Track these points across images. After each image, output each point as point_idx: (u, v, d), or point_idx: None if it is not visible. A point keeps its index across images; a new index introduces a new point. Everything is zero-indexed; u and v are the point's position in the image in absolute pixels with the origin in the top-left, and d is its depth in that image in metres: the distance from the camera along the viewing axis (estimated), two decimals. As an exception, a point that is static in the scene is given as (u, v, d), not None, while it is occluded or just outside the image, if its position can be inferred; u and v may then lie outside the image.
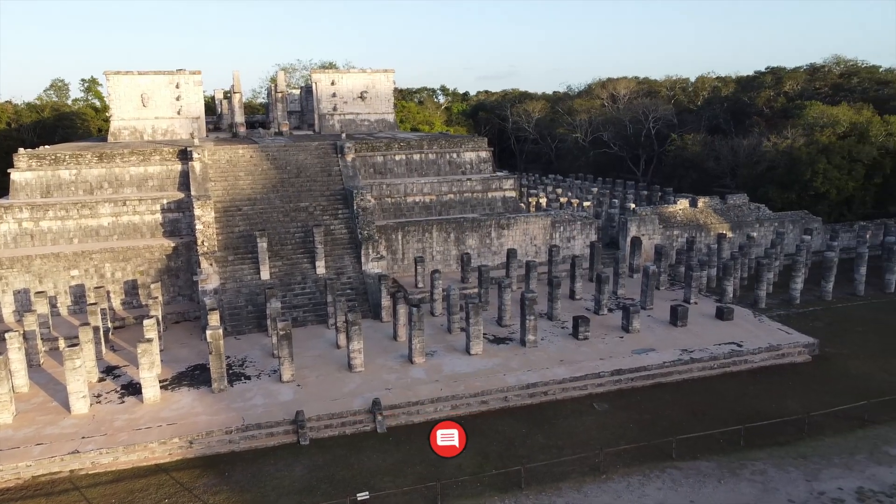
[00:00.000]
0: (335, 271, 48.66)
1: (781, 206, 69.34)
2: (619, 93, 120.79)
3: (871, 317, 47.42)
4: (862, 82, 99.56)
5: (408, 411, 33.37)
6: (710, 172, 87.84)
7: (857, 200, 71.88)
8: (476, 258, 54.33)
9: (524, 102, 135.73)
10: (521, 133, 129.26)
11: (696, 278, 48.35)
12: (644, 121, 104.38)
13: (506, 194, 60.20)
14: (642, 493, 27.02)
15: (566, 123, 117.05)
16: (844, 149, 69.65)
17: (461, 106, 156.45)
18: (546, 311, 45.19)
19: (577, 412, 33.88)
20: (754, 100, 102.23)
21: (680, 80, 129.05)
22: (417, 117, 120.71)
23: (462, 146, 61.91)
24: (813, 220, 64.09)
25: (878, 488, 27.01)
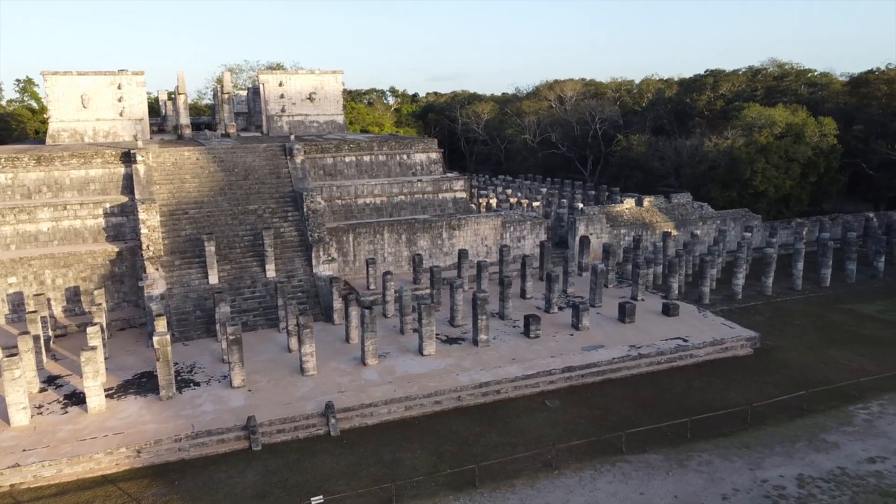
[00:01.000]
0: (286, 274, 48.15)
1: (723, 204, 71.45)
2: (567, 94, 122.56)
3: (809, 310, 49.29)
4: (797, 85, 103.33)
5: (361, 413, 33.28)
6: (655, 172, 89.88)
7: (793, 198, 74.52)
8: (428, 259, 54.48)
9: (473, 104, 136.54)
10: (471, 134, 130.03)
11: (642, 276, 49.47)
12: (591, 122, 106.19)
13: (456, 195, 60.50)
14: (594, 486, 27.54)
15: (515, 125, 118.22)
16: (781, 149, 72.18)
17: (411, 107, 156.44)
18: (498, 311, 45.62)
19: (529, 409, 34.32)
20: (696, 101, 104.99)
21: (625, 82, 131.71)
22: (367, 119, 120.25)
23: (412, 147, 62.00)
24: (753, 218, 66.27)
25: (817, 474, 28.12)
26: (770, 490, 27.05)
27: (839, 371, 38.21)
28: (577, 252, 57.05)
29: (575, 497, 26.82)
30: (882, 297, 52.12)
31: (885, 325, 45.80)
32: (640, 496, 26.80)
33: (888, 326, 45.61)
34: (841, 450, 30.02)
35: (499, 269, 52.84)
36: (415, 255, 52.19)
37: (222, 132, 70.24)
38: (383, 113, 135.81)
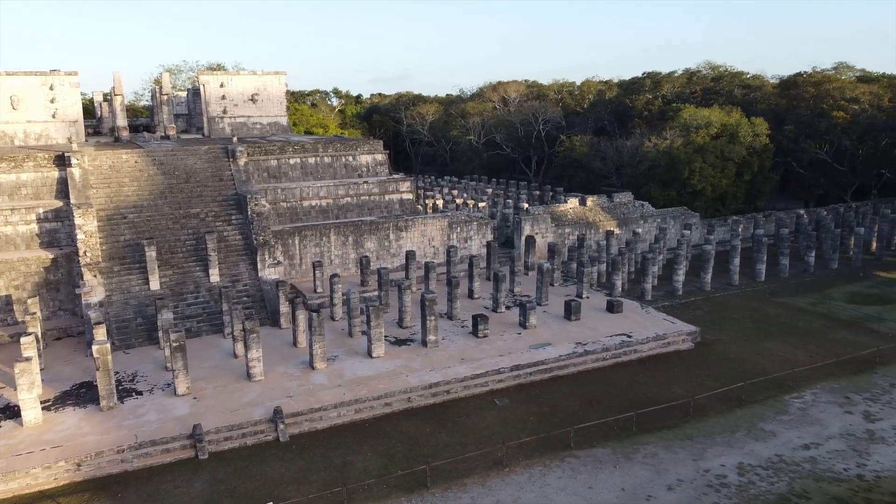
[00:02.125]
0: (230, 279, 47.30)
1: (663, 202, 73.36)
2: (510, 96, 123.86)
3: (745, 304, 51.07)
4: (732, 87, 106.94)
5: (311, 418, 32.96)
6: (598, 172, 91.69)
7: (729, 196, 77.09)
8: (375, 261, 54.30)
9: (418, 105, 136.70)
10: (416, 135, 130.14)
11: (587, 274, 50.39)
12: (534, 123, 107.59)
13: (403, 196, 60.48)
14: (544, 482, 27.96)
15: (460, 126, 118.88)
16: (717, 148, 74.58)
17: (355, 109, 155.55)
18: (446, 311, 45.82)
19: (479, 409, 34.59)
20: (635, 103, 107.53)
21: (567, 84, 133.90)
22: (311, 120, 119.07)
23: (358, 149, 61.68)
24: (692, 216, 68.27)
25: (756, 462, 29.19)
26: (712, 479, 27.95)
27: (775, 362, 39.71)
28: (524, 252, 57.74)
29: (525, 493, 27.18)
30: (813, 291, 54.38)
31: (816, 318, 47.81)
32: (588, 490, 27.34)
33: (819, 318, 47.62)
34: (778, 438, 31.23)
35: (446, 269, 53.09)
36: (362, 257, 51.94)
37: (162, 134, 68.53)
38: (327, 114, 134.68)
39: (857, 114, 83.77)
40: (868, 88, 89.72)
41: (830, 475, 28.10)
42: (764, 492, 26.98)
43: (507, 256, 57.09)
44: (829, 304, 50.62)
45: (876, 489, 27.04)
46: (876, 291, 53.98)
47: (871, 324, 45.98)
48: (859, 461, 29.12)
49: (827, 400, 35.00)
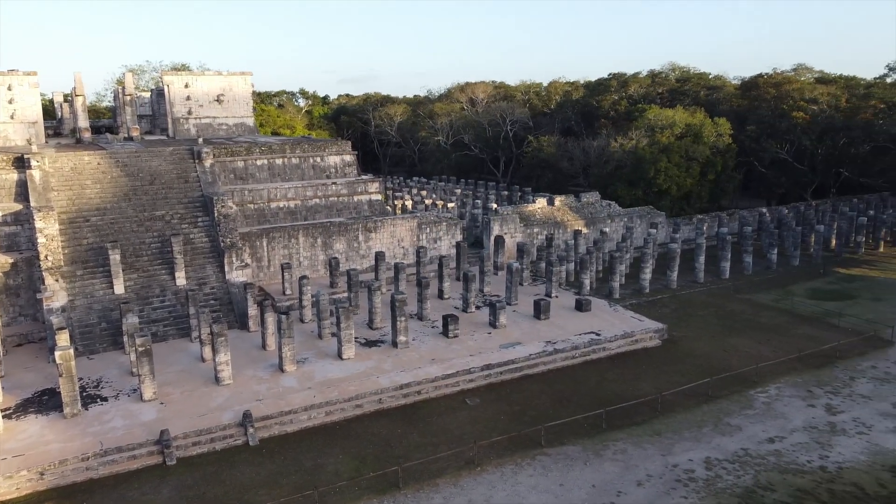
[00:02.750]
0: (197, 282, 46.66)
1: (629, 202, 74.27)
2: (478, 97, 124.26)
3: (711, 301, 51.95)
4: (695, 87, 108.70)
5: (280, 421, 32.67)
6: (565, 172, 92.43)
7: (694, 196, 78.34)
8: (344, 262, 54.02)
9: (386, 106, 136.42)
10: (385, 136, 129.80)
11: (556, 273, 50.77)
12: (502, 124, 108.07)
13: (372, 197, 60.29)
14: (515, 481, 28.10)
15: (428, 127, 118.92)
16: (682, 148, 75.73)
17: (323, 109, 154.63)
18: (416, 312, 45.79)
19: (450, 408, 34.63)
20: (601, 103, 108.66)
21: (534, 85, 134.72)
22: (278, 121, 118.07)
23: (326, 150, 61.32)
24: (657, 215, 69.22)
25: (723, 456, 29.71)
26: (681, 474, 28.37)
27: (740, 358, 40.44)
28: (493, 251, 57.95)
29: (497, 492, 27.29)
30: (776, 287, 55.54)
31: (779, 313, 48.82)
32: (559, 487, 27.56)
33: (782, 314, 48.64)
34: (743, 432, 31.82)
35: (416, 270, 53.05)
36: (331, 258, 51.65)
37: (125, 135, 67.32)
38: (294, 115, 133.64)
39: (816, 114, 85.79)
40: (826, 89, 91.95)
41: (794, 467, 28.72)
42: (731, 485, 27.47)
43: (477, 256, 57.28)
44: (792, 300, 51.75)
45: (838, 480, 27.71)
46: (836, 287, 55.32)
47: (831, 319, 47.11)
48: (822, 453, 29.81)
49: (790, 394, 35.76)
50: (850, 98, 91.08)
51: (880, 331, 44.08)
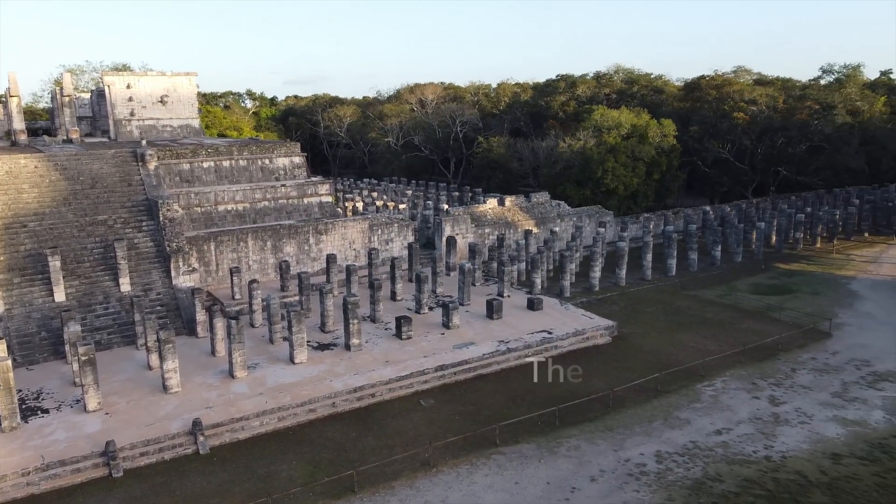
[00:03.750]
0: (142, 288, 45.43)
1: (578, 201, 75.34)
2: (427, 98, 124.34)
3: (658, 298, 53.08)
4: (640, 89, 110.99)
5: (232, 428, 32.06)
6: (515, 172, 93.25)
7: (641, 195, 79.95)
8: (295, 265, 53.35)
9: (335, 107, 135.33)
10: (334, 138, 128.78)
11: (507, 273, 51.13)
12: (452, 125, 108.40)
13: (322, 199, 59.72)
14: (471, 481, 28.18)
15: (378, 128, 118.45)
16: (628, 149, 77.21)
17: (270, 111, 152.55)
18: (369, 314, 45.52)
19: (404, 410, 34.53)
20: (550, 104, 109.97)
21: (483, 87, 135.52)
22: (224, 122, 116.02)
23: (274, 152, 60.47)
24: (606, 214, 70.40)
25: (673, 450, 30.37)
26: (632, 468, 28.88)
27: (687, 353, 41.42)
28: (445, 252, 58.06)
29: (453, 493, 27.32)
30: (720, 283, 57.11)
31: (724, 309, 50.19)
32: (514, 486, 27.74)
33: (726, 309, 50.01)
34: (692, 425, 32.59)
35: (368, 272, 52.76)
36: (281, 261, 50.94)
37: (64, 138, 65.07)
38: (241, 117, 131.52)
39: (755, 115, 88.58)
40: (765, 91, 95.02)
41: (741, 458, 29.55)
42: (681, 477, 28.10)
43: (429, 257, 57.28)
44: (735, 295, 53.28)
45: (782, 469, 28.63)
46: (776, 282, 57.17)
47: (773, 313, 48.65)
48: (767, 443, 30.75)
49: (736, 387, 36.77)
50: (786, 99, 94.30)
51: (819, 323, 45.71)
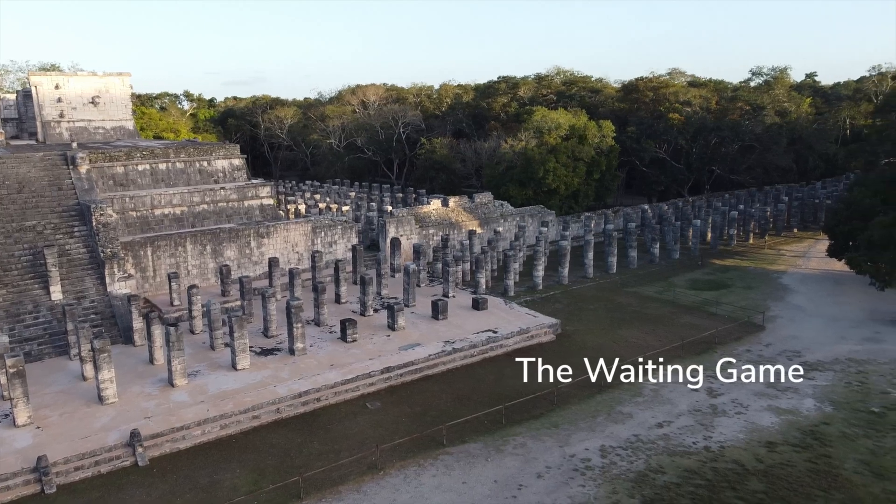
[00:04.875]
0: (75, 296, 43.79)
1: (521, 201, 76.10)
2: (370, 99, 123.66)
3: (600, 295, 54.08)
4: (579, 90, 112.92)
5: (172, 438, 31.18)
6: (458, 173, 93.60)
7: (581, 194, 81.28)
8: (236, 269, 52.27)
9: (275, 109, 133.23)
10: (275, 140, 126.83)
11: (452, 273, 51.28)
12: (394, 126, 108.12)
13: (263, 202, 58.72)
14: (419, 482, 28.12)
15: (320, 129, 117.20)
16: (569, 149, 78.39)
17: (208, 112, 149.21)
18: (313, 318, 44.97)
19: (351, 414, 34.24)
20: (491, 106, 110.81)
21: (425, 88, 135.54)
22: (161, 124, 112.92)
23: (213, 154, 59.19)
24: (548, 214, 71.35)
25: (616, 444, 30.97)
26: (578, 463, 29.33)
27: (629, 348, 42.30)
28: (389, 254, 57.84)
29: (401, 495, 27.22)
30: (659, 280, 58.57)
31: (663, 304, 51.49)
32: (462, 485, 27.82)
33: (665, 305, 51.31)
34: (634, 419, 33.31)
35: (312, 275, 52.11)
36: (222, 266, 49.85)
37: (-13, 141, 62.26)
38: (178, 118, 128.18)
39: (689, 115, 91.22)
40: (698, 92, 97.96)
41: (682, 449, 30.34)
42: (625, 471, 28.67)
43: (373, 259, 56.97)
44: (674, 291, 54.73)
45: (721, 458, 29.52)
46: (712, 278, 58.98)
47: (709, 308, 50.17)
48: (706, 434, 31.66)
49: (675, 380, 37.68)
50: (719, 100, 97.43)
51: (753, 317, 47.34)
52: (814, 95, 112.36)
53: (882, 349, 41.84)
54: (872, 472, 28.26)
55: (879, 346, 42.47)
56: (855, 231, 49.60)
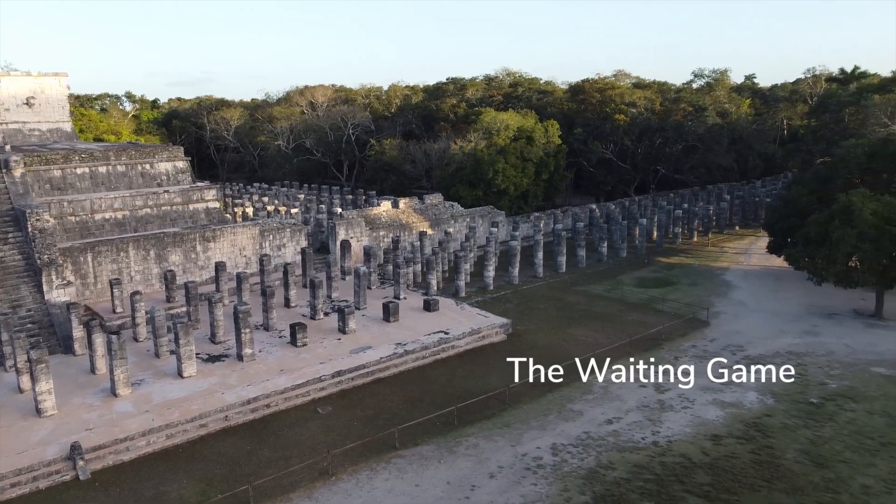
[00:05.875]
0: (10, 304, 42.08)
1: (471, 202, 76.40)
2: (318, 101, 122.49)
3: (550, 294, 54.64)
4: (526, 92, 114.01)
5: (115, 450, 30.22)
6: (408, 175, 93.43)
7: (531, 194, 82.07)
8: (182, 275, 51.03)
9: (221, 110, 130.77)
10: (221, 141, 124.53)
11: (403, 275, 51.12)
12: (344, 127, 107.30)
13: (209, 205, 57.51)
14: (371, 486, 27.89)
15: (267, 131, 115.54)
16: (517, 150, 79.07)
17: (152, 114, 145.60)
18: (262, 323, 44.23)
19: (301, 419, 33.77)
20: (440, 107, 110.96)
21: (374, 89, 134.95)
22: (101, 126, 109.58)
23: (156, 156, 57.70)
24: (498, 214, 71.80)
25: (567, 441, 31.28)
26: (530, 462, 29.52)
27: (579, 346, 42.80)
28: (339, 256, 57.30)
29: (353, 500, 26.95)
30: (607, 278, 59.50)
31: (611, 302, 52.33)
32: (415, 488, 27.70)
33: (614, 303, 52.16)
34: (584, 416, 33.71)
35: (260, 279, 51.17)
36: (166, 271, 48.60)
37: (-87, 144, 59.41)
38: (120, 120, 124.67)
39: (635, 116, 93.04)
40: (643, 94, 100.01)
41: (631, 445, 30.83)
42: (576, 468, 28.98)
43: (323, 262, 56.35)
44: (622, 289, 55.67)
45: (669, 453, 30.10)
46: (659, 275, 60.22)
47: (656, 305, 51.17)
48: (654, 429, 32.24)
49: (624, 377, 38.31)
50: (663, 101, 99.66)
51: (698, 313, 48.48)
52: (753, 97, 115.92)
53: (820, 342, 43.35)
54: (812, 460, 29.22)
55: (817, 338, 43.99)
56: (793, 228, 51.32)
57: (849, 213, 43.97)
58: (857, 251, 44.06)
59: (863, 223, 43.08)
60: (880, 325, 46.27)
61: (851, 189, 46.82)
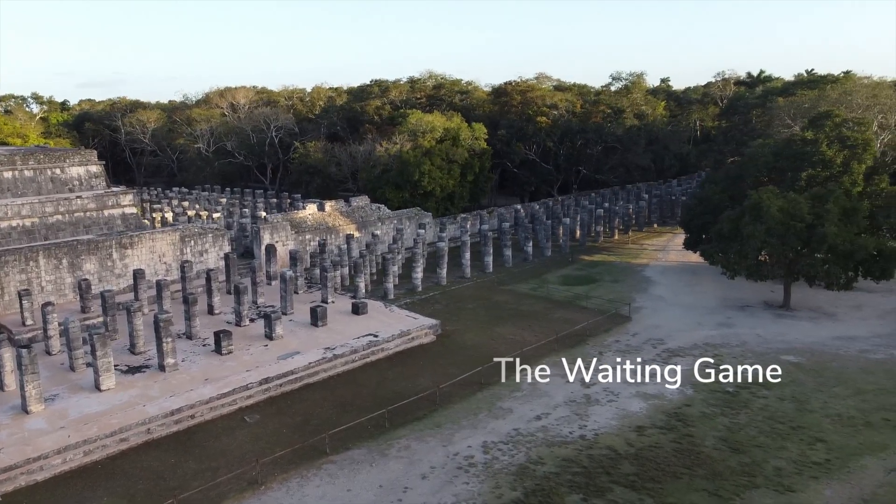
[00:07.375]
0: None
1: (398, 204, 76.29)
2: (239, 102, 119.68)
3: (478, 294, 55.22)
4: (452, 94, 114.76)
5: (28, 470, 28.73)
6: (334, 177, 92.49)
7: (457, 196, 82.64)
8: (98, 284, 48.93)
9: (137, 112, 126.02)
10: (138, 145, 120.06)
11: (330, 279, 50.60)
12: (266, 130, 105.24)
13: (125, 211, 55.39)
14: (302, 494, 27.52)
15: (186, 134, 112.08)
16: (443, 151, 79.49)
17: (62, 116, 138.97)
18: (185, 331, 42.93)
19: (228, 429, 32.98)
20: (365, 109, 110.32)
21: (297, 91, 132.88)
22: (5, 129, 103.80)
23: (67, 161, 55.07)
24: (425, 216, 72.01)
25: (498, 439, 31.70)
26: (461, 461, 29.76)
27: (507, 344, 43.40)
28: (265, 261, 56.23)
29: (284, 508, 26.53)
30: (533, 277, 60.59)
31: (538, 301, 53.32)
32: (347, 493, 27.51)
33: (540, 301, 53.15)
34: (514, 413, 34.24)
35: (182, 286, 49.71)
36: (81, 280, 46.51)
37: None
38: (27, 122, 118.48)
39: (556, 118, 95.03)
40: (564, 96, 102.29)
41: (559, 439, 31.52)
42: (506, 465, 29.41)
43: (248, 267, 55.12)
44: (547, 287, 56.81)
45: (595, 446, 30.93)
46: (582, 273, 61.74)
47: (580, 302, 52.49)
48: (581, 423, 33.06)
49: (552, 373, 39.09)
50: (583, 104, 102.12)
51: (620, 309, 49.98)
52: (668, 99, 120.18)
53: (734, 333, 45.44)
54: (729, 447, 30.62)
55: (732, 330, 46.09)
56: (707, 225, 53.62)
57: (758, 210, 46.25)
58: (765, 246, 46.47)
59: (770, 220, 45.40)
60: (788, 315, 48.90)
61: (760, 187, 49.33)
